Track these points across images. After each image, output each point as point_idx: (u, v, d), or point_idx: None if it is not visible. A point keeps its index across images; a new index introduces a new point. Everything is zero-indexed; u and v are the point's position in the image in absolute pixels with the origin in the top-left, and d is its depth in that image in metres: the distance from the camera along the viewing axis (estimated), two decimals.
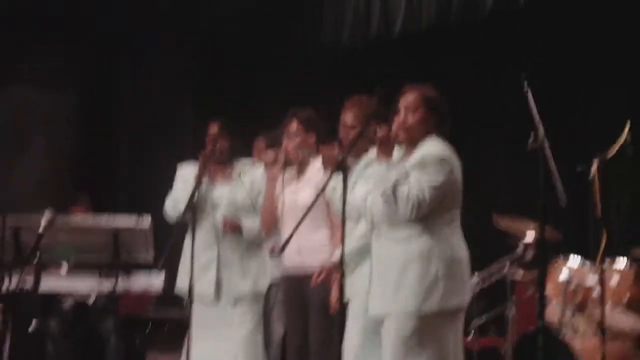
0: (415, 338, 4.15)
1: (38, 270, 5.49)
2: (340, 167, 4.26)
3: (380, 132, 4.29)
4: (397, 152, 4.34)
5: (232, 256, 5.54)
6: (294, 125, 5.19)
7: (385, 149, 4.28)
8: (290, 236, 4.42)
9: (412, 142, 4.30)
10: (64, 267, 6.20)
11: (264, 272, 5.59)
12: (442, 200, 4.18)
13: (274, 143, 5.46)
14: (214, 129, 5.59)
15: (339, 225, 4.68)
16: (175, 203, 5.55)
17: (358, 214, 4.51)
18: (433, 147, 4.23)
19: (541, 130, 4.27)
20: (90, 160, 8.23)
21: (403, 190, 4.15)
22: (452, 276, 4.17)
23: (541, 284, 4.59)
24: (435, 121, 4.29)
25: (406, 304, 4.17)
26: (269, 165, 5.26)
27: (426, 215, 4.17)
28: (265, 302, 5.65)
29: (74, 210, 6.98)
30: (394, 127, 4.31)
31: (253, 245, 5.57)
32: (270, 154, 5.29)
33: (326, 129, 5.16)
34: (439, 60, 6.97)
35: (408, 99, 4.32)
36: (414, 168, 4.19)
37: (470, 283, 4.32)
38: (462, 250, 4.26)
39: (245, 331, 5.48)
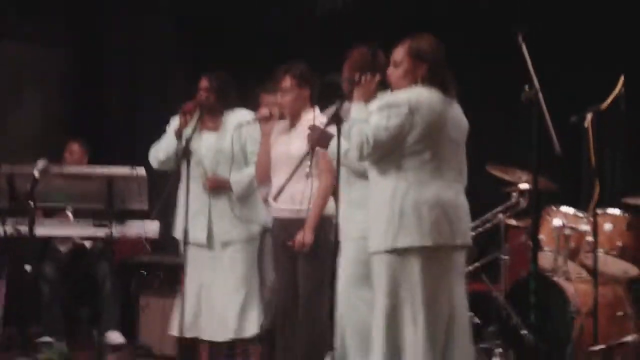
0: (389, 276, 4.21)
1: (32, 216, 5.49)
2: (335, 118, 4.30)
3: (361, 76, 4.37)
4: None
5: (222, 203, 5.57)
6: (287, 81, 5.18)
7: (361, 91, 4.35)
8: (284, 185, 4.52)
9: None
10: (70, 214, 6.20)
11: (255, 217, 5.62)
12: (399, 142, 4.19)
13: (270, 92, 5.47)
14: (204, 81, 5.60)
15: (327, 172, 4.92)
16: (155, 152, 5.63)
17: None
18: (399, 93, 4.27)
19: (535, 81, 4.27)
20: (82, 114, 8.19)
21: (355, 129, 4.21)
22: (406, 218, 4.17)
23: (534, 229, 4.65)
24: (424, 70, 4.28)
25: (378, 243, 4.24)
26: (263, 120, 5.26)
27: (380, 156, 4.22)
28: (259, 247, 5.68)
29: (67, 155, 6.98)
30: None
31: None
32: (264, 110, 5.28)
33: (319, 83, 5.15)
34: (434, 14, 6.91)
35: (396, 52, 4.36)
36: (374, 112, 4.25)
37: (442, 224, 4.24)
38: (429, 192, 4.21)
39: (237, 275, 5.53)
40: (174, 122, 5.60)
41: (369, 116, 4.27)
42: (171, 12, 8.28)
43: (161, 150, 5.58)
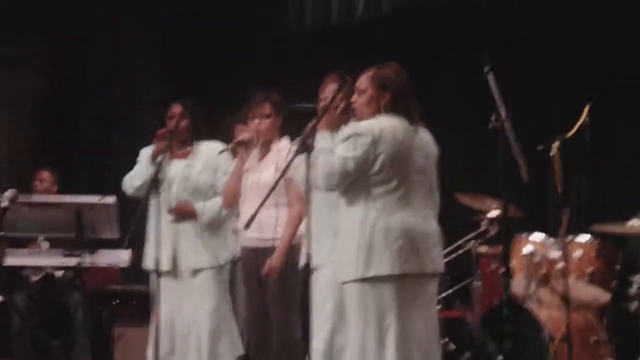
0: (359, 305, 4.21)
1: (2, 246, 5.46)
2: (304, 147, 4.31)
3: (325, 104, 4.41)
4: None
5: (190, 231, 5.53)
6: (266, 107, 5.21)
7: (327, 120, 4.38)
8: (255, 213, 4.48)
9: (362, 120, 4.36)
10: (45, 243, 6.17)
11: (224, 246, 5.59)
12: (364, 172, 4.20)
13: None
14: (176, 108, 5.60)
15: (298, 201, 4.91)
16: (130, 179, 5.62)
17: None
18: (362, 123, 4.29)
19: (502, 109, 4.30)
20: (53, 141, 8.13)
21: (320, 159, 4.24)
22: (376, 246, 4.18)
23: (505, 256, 4.67)
24: (388, 99, 4.30)
25: (347, 273, 4.25)
26: (243, 145, 5.24)
27: (343, 187, 4.24)
28: (230, 279, 5.65)
29: (37, 183, 6.93)
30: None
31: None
32: (245, 135, 5.27)
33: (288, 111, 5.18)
34: (402, 43, 6.95)
35: (359, 81, 4.39)
36: (338, 142, 4.27)
37: (410, 253, 4.25)
38: (397, 220, 4.22)
39: (209, 306, 5.49)
40: (145, 153, 5.59)
41: (334, 145, 4.28)
42: (145, 38, 8.26)
43: (136, 177, 5.56)
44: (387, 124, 4.26)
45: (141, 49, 8.17)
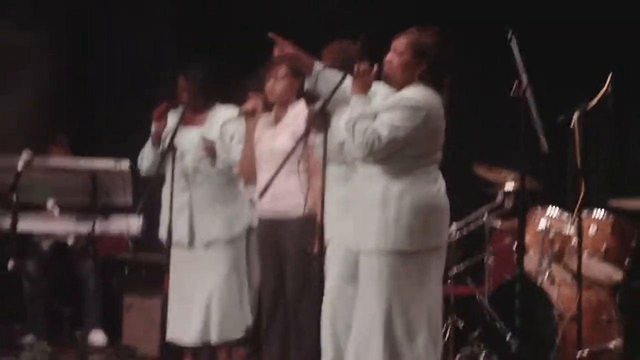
0: (386, 276, 4.15)
1: (15, 211, 5.45)
2: (320, 114, 4.24)
3: (360, 66, 4.24)
4: (383, 90, 4.31)
5: (204, 201, 5.48)
6: (283, 69, 5.10)
7: (361, 83, 4.24)
8: (270, 182, 4.34)
9: (394, 84, 4.27)
10: (56, 208, 6.12)
11: (238, 216, 5.54)
12: (409, 144, 4.15)
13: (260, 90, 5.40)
14: (180, 80, 5.52)
15: (317, 170, 4.71)
16: (140, 159, 5.57)
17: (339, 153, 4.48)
18: (411, 93, 4.19)
19: (525, 78, 4.26)
20: (69, 103, 8.11)
21: (362, 125, 4.13)
22: (420, 217, 4.15)
23: (521, 233, 4.62)
24: (424, 67, 4.22)
25: (375, 242, 4.18)
26: (248, 114, 5.19)
27: (386, 156, 4.16)
28: (245, 248, 5.63)
29: (52, 149, 6.92)
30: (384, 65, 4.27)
31: (226, 189, 5.54)
32: (249, 103, 5.21)
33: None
34: (422, 12, 6.90)
35: (398, 41, 4.27)
36: (385, 110, 4.18)
37: (444, 229, 4.26)
38: (437, 194, 4.23)
39: (219, 276, 5.44)
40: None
41: (371, 110, 4.20)
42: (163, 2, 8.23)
43: (145, 158, 5.53)
44: (433, 99, 4.20)
45: (157, 15, 8.13)
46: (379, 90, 4.34)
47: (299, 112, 5.00)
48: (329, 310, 4.52)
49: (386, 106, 4.19)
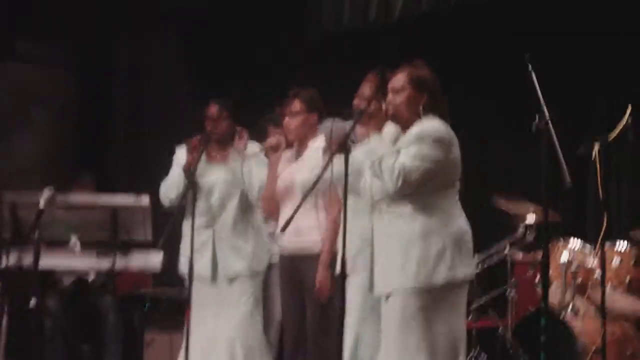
0: (422, 314, 4.14)
1: (37, 247, 5.45)
2: (343, 147, 4.24)
3: (372, 107, 4.30)
4: (392, 129, 4.33)
5: (227, 236, 5.48)
6: (296, 105, 5.15)
7: (373, 123, 4.28)
8: (292, 217, 4.32)
9: (401, 122, 4.30)
10: (77, 245, 6.12)
11: (261, 251, 5.53)
12: (436, 176, 4.18)
13: (278, 125, 5.41)
14: (213, 109, 5.51)
15: (336, 204, 4.78)
16: (166, 190, 5.52)
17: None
18: (431, 125, 4.22)
19: (546, 111, 4.25)
20: (90, 140, 8.17)
21: (388, 161, 4.15)
22: (457, 248, 4.17)
23: (544, 265, 4.59)
24: (427, 100, 4.27)
25: (412, 280, 4.15)
26: (270, 150, 5.20)
27: (417, 188, 4.16)
28: (265, 283, 5.62)
29: (76, 187, 6.94)
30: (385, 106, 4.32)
31: (248, 224, 5.53)
32: (272, 139, 5.23)
33: (326, 110, 5.12)
34: (442, 42, 6.91)
35: (394, 80, 4.33)
36: (410, 143, 4.19)
37: (473, 260, 4.29)
38: (465, 224, 4.27)
39: (243, 311, 5.43)
40: (180, 152, 5.55)
41: (389, 147, 4.23)
42: (179, 37, 8.28)
43: (172, 189, 5.46)
44: (448, 129, 4.24)
45: (173, 47, 8.20)
46: (385, 130, 4.36)
47: (319, 146, 5.01)
48: (350, 344, 4.50)
49: (408, 141, 4.21)
